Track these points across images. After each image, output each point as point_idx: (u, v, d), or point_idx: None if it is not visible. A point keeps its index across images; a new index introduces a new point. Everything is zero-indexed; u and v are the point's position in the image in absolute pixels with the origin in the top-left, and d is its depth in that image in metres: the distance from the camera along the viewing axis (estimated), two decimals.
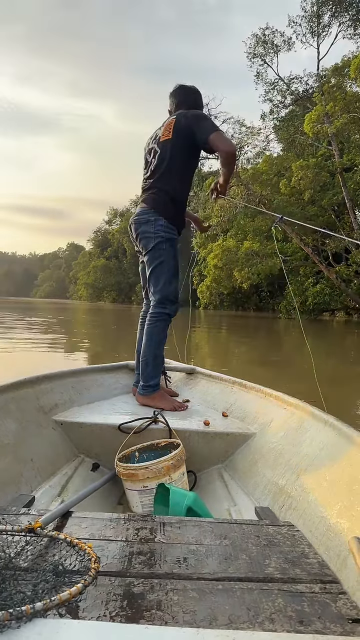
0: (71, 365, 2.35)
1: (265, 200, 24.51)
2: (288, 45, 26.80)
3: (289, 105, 28.34)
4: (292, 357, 8.61)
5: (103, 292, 66.74)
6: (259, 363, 7.52)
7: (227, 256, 26.81)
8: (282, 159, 25.52)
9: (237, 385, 2.20)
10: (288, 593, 0.82)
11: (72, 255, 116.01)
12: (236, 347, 10.69)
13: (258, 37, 26.92)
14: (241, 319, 25.12)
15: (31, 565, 0.84)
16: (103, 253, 69.64)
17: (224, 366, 6.34)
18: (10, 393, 1.65)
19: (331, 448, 1.33)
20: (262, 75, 28.01)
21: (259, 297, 36.07)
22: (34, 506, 1.33)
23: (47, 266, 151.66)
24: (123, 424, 1.75)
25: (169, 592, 0.80)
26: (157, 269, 2.19)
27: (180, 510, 1.26)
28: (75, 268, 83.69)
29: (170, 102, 2.40)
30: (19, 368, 5.58)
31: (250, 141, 27.01)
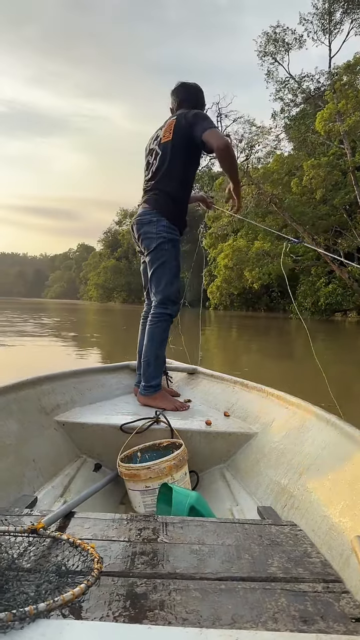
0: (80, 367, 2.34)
1: (277, 199, 24.29)
2: (299, 43, 26.60)
3: (300, 103, 28.07)
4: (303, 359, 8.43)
5: (113, 292, 66.83)
6: (270, 365, 7.45)
7: (237, 256, 26.66)
8: (293, 158, 25.34)
9: (238, 385, 2.20)
10: (291, 592, 0.82)
11: (82, 256, 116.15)
12: (247, 348, 10.53)
13: (269, 35, 26.73)
14: (252, 320, 24.93)
15: (34, 566, 0.84)
16: (113, 253, 69.68)
17: (235, 368, 6.26)
18: (12, 394, 1.65)
19: (333, 447, 1.33)
20: (272, 74, 27.84)
21: (269, 298, 35.80)
22: (37, 507, 1.33)
23: (58, 267, 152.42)
24: (125, 424, 1.76)
25: (172, 592, 0.80)
26: (159, 270, 2.20)
27: (183, 509, 1.26)
28: (86, 269, 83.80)
29: (172, 100, 2.39)
30: (29, 370, 5.62)
31: (260, 140, 26.74)
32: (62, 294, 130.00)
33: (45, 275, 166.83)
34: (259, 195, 24.62)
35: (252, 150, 26.54)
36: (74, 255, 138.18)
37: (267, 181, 24.49)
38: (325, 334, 14.80)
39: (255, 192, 24.57)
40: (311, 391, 4.47)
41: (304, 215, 24.58)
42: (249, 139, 26.13)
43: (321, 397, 2.48)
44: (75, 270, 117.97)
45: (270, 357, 8.74)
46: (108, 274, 65.62)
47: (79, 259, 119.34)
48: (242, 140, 26.03)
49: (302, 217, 24.58)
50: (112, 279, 65.07)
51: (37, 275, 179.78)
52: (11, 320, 16.07)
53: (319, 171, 22.01)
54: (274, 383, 2.02)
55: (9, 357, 6.90)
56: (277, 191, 24.54)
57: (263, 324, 22.28)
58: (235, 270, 27.42)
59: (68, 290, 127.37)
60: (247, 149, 26.26)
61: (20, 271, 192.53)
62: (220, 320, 24.07)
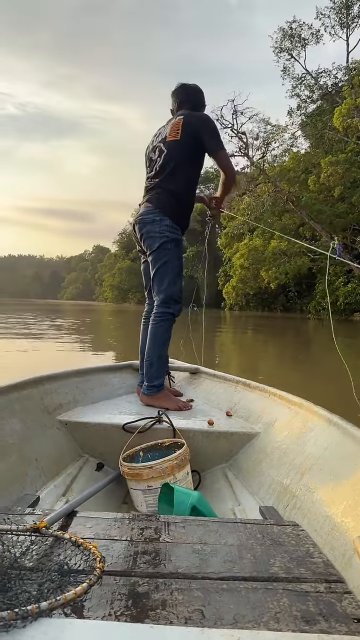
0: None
1: (294, 197, 23.77)
2: (316, 38, 26.10)
3: (317, 100, 27.52)
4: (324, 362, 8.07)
5: (128, 293, 66.85)
6: (289, 368, 7.25)
7: (253, 256, 26.19)
8: (310, 155, 24.76)
9: (241, 384, 2.20)
10: (293, 592, 0.82)
11: (97, 258, 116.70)
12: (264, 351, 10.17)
13: (285, 30, 26.25)
14: (268, 320, 24.56)
15: (36, 565, 0.84)
16: (128, 254, 69.74)
17: (253, 372, 6.05)
18: (14, 393, 1.65)
19: (335, 447, 1.32)
20: (288, 70, 27.39)
21: (286, 298, 35.27)
22: (39, 506, 1.33)
23: (74, 268, 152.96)
24: (127, 424, 1.76)
25: (173, 592, 0.80)
26: (161, 269, 2.18)
27: (184, 509, 1.26)
28: (101, 270, 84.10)
29: (172, 102, 2.39)
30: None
31: (277, 137, 26.26)
32: (77, 295, 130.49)
33: (61, 276, 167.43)
34: (276, 194, 24.12)
35: (269, 147, 26.09)
36: (90, 257, 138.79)
37: (283, 179, 23.99)
38: (346, 334, 14.32)
39: (271, 191, 24.09)
40: (335, 397, 4.25)
41: (321, 213, 24.08)
42: (264, 137, 25.69)
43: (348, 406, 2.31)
44: (91, 271, 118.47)
45: (289, 361, 8.47)
46: (123, 275, 65.70)
47: (95, 260, 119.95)
48: (257, 138, 25.62)
49: (320, 215, 24.05)
50: (127, 280, 65.07)
51: (53, 276, 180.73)
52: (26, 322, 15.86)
53: (336, 168, 21.54)
54: (294, 389, 1.94)
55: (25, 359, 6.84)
56: (294, 189, 24.02)
57: (280, 324, 21.91)
58: (252, 270, 26.93)
59: (83, 292, 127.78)
60: (263, 146, 25.83)
61: (37, 273, 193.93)
62: (236, 320, 23.74)
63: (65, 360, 6.75)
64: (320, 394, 4.77)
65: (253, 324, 20.45)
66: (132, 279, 64.29)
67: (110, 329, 15.82)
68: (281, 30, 26.30)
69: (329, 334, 11.12)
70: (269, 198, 24.51)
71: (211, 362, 3.18)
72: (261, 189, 25.01)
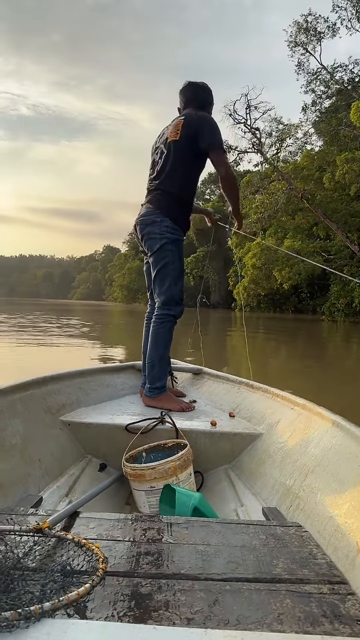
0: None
1: (309, 195, 22.97)
2: (332, 31, 25.24)
3: (333, 95, 26.62)
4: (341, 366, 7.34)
5: (138, 293, 66.44)
6: (304, 373, 6.83)
7: (266, 255, 25.36)
8: (325, 153, 23.96)
9: (243, 385, 2.20)
10: (296, 594, 0.82)
11: (108, 258, 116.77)
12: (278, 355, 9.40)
13: (300, 24, 25.38)
14: (281, 322, 23.94)
15: (39, 566, 0.85)
16: (138, 255, 69.01)
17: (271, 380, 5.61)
18: (17, 394, 1.64)
19: (339, 448, 1.31)
20: (303, 65, 26.56)
21: (297, 299, 34.46)
22: (42, 506, 1.33)
23: (84, 269, 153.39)
24: (130, 425, 1.75)
25: (176, 593, 0.80)
26: (162, 270, 2.19)
27: (186, 510, 1.26)
28: (111, 270, 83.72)
29: (180, 100, 2.38)
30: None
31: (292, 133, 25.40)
32: (87, 296, 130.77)
33: (72, 276, 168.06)
34: (290, 192, 23.32)
35: (283, 144, 25.24)
36: (100, 257, 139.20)
37: (297, 178, 23.24)
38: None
39: (286, 188, 23.29)
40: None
41: (336, 212, 23.28)
42: (278, 135, 24.85)
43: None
44: (101, 271, 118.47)
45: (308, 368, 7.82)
46: (133, 275, 65.18)
47: (105, 260, 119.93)
48: (271, 134, 24.79)
49: (335, 214, 23.27)
50: (137, 280, 64.57)
51: (64, 276, 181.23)
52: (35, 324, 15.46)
53: (352, 165, 20.72)
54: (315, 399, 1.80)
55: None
56: (309, 186, 23.23)
57: (294, 326, 21.34)
58: (264, 270, 26.13)
59: (94, 292, 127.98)
60: (277, 142, 25.00)
61: (48, 273, 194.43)
62: (247, 322, 23.01)
63: (74, 361, 6.71)
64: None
65: (267, 326, 19.74)
66: (141, 279, 61.11)
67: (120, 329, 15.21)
68: (296, 23, 25.48)
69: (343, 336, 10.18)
70: (283, 196, 23.70)
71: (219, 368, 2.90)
72: (274, 187, 24.20)
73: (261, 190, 25.04)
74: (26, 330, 12.16)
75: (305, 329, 19.16)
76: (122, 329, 16.09)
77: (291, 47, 26.16)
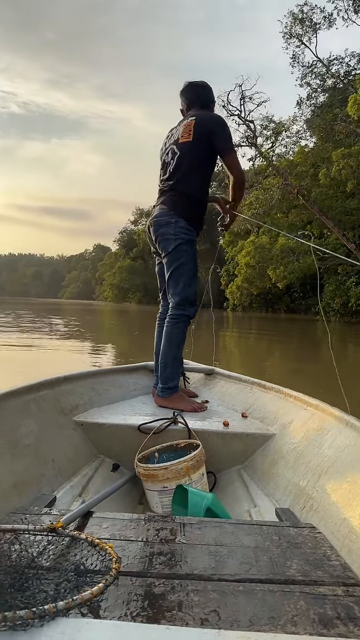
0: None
1: (304, 191, 22.29)
2: (329, 22, 24.46)
3: (329, 89, 25.89)
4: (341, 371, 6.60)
5: (129, 293, 65.94)
6: (306, 375, 6.51)
7: (260, 253, 24.70)
8: (319, 149, 23.29)
9: (256, 385, 2.20)
10: (310, 595, 0.81)
11: (98, 257, 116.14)
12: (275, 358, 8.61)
13: (295, 15, 24.63)
14: (274, 322, 23.47)
15: (53, 565, 0.86)
16: (129, 254, 69.10)
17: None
18: (31, 394, 1.66)
19: (353, 449, 1.31)
20: (298, 58, 25.77)
21: (290, 298, 33.87)
22: (55, 506, 1.34)
23: (74, 267, 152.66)
24: (143, 425, 1.77)
25: (189, 593, 0.81)
26: (177, 271, 2.21)
27: (199, 511, 1.27)
28: (101, 269, 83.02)
29: (182, 101, 2.41)
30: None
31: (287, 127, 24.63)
32: (78, 295, 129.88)
33: (62, 275, 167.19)
34: (285, 187, 22.61)
35: (278, 137, 24.45)
36: (90, 256, 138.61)
37: (291, 174, 22.58)
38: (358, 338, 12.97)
39: (281, 184, 22.57)
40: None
41: (331, 209, 22.62)
42: (274, 128, 24.06)
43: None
44: (91, 270, 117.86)
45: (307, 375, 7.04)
46: (123, 274, 64.77)
47: (95, 259, 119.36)
48: (266, 127, 23.97)
49: (330, 212, 22.64)
50: (128, 279, 64.11)
51: (54, 275, 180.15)
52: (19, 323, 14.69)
53: (349, 161, 20.09)
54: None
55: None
56: (305, 182, 22.56)
57: (288, 326, 20.87)
58: (258, 268, 25.44)
59: (84, 291, 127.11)
60: (272, 136, 24.22)
61: (37, 271, 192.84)
62: (240, 322, 22.53)
63: (75, 362, 6.72)
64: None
65: (260, 327, 18.97)
66: (132, 278, 63.65)
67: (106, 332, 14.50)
68: (291, 14, 24.69)
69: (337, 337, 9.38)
70: (278, 191, 22.96)
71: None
72: (269, 182, 23.46)
73: (256, 185, 24.30)
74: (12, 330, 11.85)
75: (302, 329, 18.62)
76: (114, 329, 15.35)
77: (286, 38, 25.49)
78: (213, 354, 3.32)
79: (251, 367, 7.29)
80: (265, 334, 15.87)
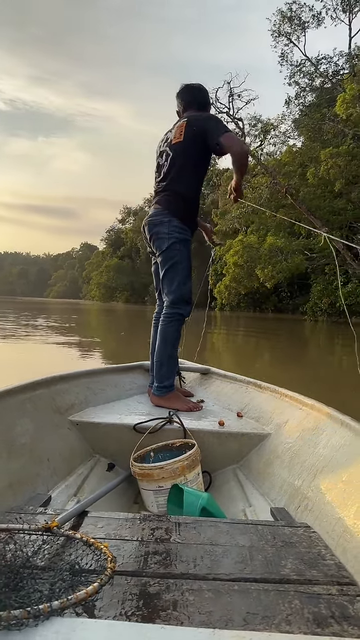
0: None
1: (293, 189, 22.36)
2: (317, 21, 24.66)
3: (317, 88, 26.07)
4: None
5: (116, 292, 65.67)
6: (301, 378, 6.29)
7: (248, 253, 24.70)
8: (308, 148, 23.39)
9: (251, 385, 2.21)
10: (305, 595, 0.82)
11: (85, 255, 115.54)
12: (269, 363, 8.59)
13: (283, 13, 24.73)
14: (262, 322, 23.53)
15: (48, 564, 0.86)
16: (116, 252, 68.88)
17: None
18: (26, 393, 1.66)
19: (348, 449, 1.32)
20: (287, 56, 25.88)
21: (277, 298, 33.94)
22: (50, 506, 1.34)
23: (61, 266, 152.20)
24: (138, 424, 1.77)
25: (184, 592, 0.81)
26: (171, 270, 2.23)
27: (194, 510, 1.27)
28: (89, 268, 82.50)
29: (178, 103, 2.43)
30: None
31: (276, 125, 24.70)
32: (64, 294, 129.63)
33: (48, 274, 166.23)
34: (274, 186, 22.66)
35: (267, 135, 24.51)
36: (77, 255, 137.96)
37: (279, 173, 22.61)
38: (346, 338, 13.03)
39: (269, 182, 22.62)
40: None
41: (319, 209, 22.71)
42: (262, 127, 24.10)
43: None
44: (78, 269, 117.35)
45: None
46: (111, 273, 64.50)
47: (82, 258, 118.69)
48: (255, 125, 23.99)
49: (318, 211, 22.73)
50: (115, 278, 63.83)
51: (40, 274, 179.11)
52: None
53: (337, 160, 20.17)
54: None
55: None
56: (293, 181, 22.62)
57: (276, 326, 20.91)
58: (246, 268, 25.44)
59: (70, 290, 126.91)
60: (261, 134, 24.25)
61: (23, 270, 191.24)
62: (228, 321, 22.59)
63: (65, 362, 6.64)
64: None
65: (248, 326, 19.01)
66: (119, 277, 63.43)
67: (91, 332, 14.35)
68: (280, 12, 24.84)
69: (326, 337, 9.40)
70: (267, 190, 23.00)
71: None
72: (258, 181, 23.50)
73: (244, 184, 24.25)
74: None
75: (288, 330, 18.68)
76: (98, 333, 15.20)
77: (274, 36, 25.65)
78: (196, 355, 3.30)
79: (249, 367, 7.20)
80: (252, 333, 15.90)
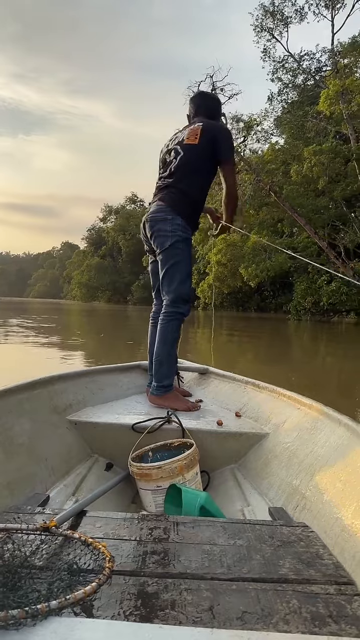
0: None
1: (277, 187, 22.45)
2: (300, 16, 24.73)
3: (300, 85, 26.21)
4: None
5: (97, 291, 65.31)
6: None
7: (231, 251, 24.73)
8: (291, 145, 23.50)
9: (250, 385, 2.23)
10: (302, 594, 0.83)
11: (66, 254, 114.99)
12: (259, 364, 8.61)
13: (266, 7, 24.75)
14: (246, 321, 23.57)
15: (46, 564, 0.86)
16: (97, 251, 68.51)
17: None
18: (24, 393, 1.67)
19: (345, 448, 1.32)
20: (269, 52, 25.95)
21: (260, 297, 34.12)
22: (49, 505, 1.34)
23: (41, 265, 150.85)
24: (136, 424, 1.78)
25: (182, 592, 0.82)
26: (172, 269, 2.22)
27: (193, 510, 1.28)
28: (69, 267, 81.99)
29: (190, 107, 2.48)
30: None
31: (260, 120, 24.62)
32: (45, 293, 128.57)
33: (28, 274, 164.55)
34: (257, 183, 22.71)
35: (250, 131, 24.42)
36: (58, 254, 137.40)
37: (262, 171, 22.68)
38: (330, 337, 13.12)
39: (253, 179, 22.65)
40: None
41: (302, 207, 22.87)
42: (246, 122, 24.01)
43: None
44: (59, 268, 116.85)
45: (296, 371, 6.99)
46: (92, 272, 64.24)
47: (63, 257, 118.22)
48: (239, 120, 23.86)
49: (301, 209, 22.87)
50: (96, 277, 63.54)
51: (20, 274, 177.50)
52: None
53: (320, 158, 20.32)
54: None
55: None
56: (277, 178, 22.69)
57: (261, 325, 20.96)
58: (229, 267, 25.49)
59: (51, 290, 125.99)
60: (244, 129, 24.16)
61: (2, 270, 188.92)
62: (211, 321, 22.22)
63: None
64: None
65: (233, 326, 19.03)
66: (101, 277, 63.20)
67: (69, 334, 14.19)
68: (262, 7, 24.83)
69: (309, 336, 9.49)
70: (250, 187, 23.03)
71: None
72: (241, 178, 23.54)
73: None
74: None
75: (272, 329, 18.74)
76: (76, 335, 15.02)
77: (257, 32, 25.65)
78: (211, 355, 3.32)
79: (248, 368, 7.18)
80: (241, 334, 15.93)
